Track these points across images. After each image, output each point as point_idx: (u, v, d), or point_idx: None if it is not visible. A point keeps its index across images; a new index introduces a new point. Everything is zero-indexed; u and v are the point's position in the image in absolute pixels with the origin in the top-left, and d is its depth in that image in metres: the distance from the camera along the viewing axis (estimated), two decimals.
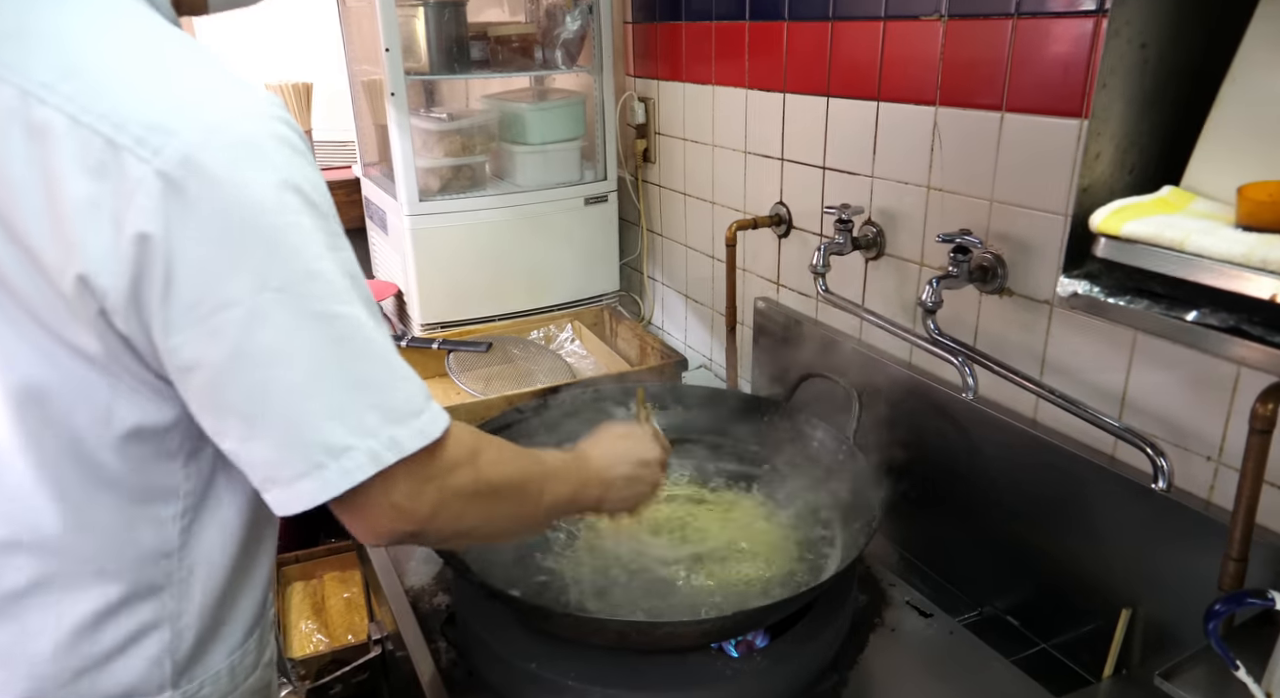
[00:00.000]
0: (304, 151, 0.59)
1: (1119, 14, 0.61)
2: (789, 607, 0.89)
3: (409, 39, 1.70)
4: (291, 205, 0.56)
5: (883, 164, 1.22)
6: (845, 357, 1.32)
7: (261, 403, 0.57)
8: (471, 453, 0.65)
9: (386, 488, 0.60)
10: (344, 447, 0.57)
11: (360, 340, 0.58)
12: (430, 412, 0.62)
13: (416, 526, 0.63)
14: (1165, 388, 0.90)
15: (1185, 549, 0.88)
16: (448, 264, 1.77)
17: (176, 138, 0.53)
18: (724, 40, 1.53)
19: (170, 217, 0.53)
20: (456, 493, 0.64)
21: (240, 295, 0.55)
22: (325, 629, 1.61)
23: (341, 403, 0.58)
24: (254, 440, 0.58)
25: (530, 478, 0.73)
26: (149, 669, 0.69)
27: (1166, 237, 0.57)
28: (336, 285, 0.58)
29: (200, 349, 0.56)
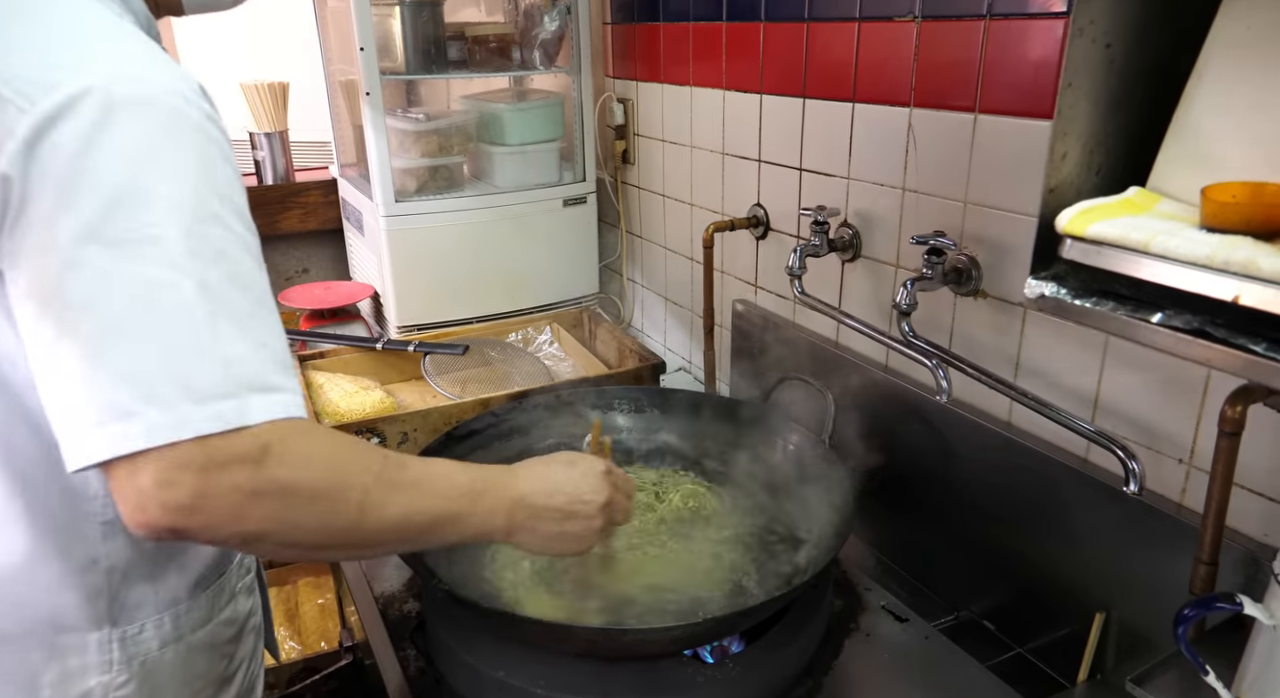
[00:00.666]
0: (199, 126, 0.60)
1: (1083, 13, 0.61)
2: (762, 612, 0.88)
3: (385, 38, 1.68)
4: (150, 170, 0.57)
5: (858, 165, 1.22)
6: (822, 359, 1.31)
7: (63, 348, 0.57)
8: (260, 447, 0.59)
9: (134, 470, 0.56)
10: (127, 411, 0.55)
11: (181, 308, 0.57)
12: (244, 401, 0.58)
13: (173, 519, 0.57)
14: (1137, 391, 0.90)
15: (1157, 552, 0.87)
16: (424, 266, 1.75)
17: (56, 91, 0.56)
18: (702, 41, 1.53)
19: (28, 160, 0.55)
20: (230, 488, 0.58)
21: (66, 241, 0.56)
22: (298, 636, 1.59)
23: (139, 364, 0.56)
24: (52, 385, 0.58)
25: (350, 485, 0.63)
26: (84, 605, 0.71)
27: (1132, 238, 0.57)
28: (173, 253, 0.57)
29: (27, 285, 0.58)
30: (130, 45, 0.62)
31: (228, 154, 0.62)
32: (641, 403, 1.30)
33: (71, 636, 0.71)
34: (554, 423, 1.27)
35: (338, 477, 0.63)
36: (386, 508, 0.65)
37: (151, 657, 0.74)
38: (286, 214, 2.13)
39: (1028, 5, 0.92)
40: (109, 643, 0.72)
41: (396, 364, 1.68)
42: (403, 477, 0.67)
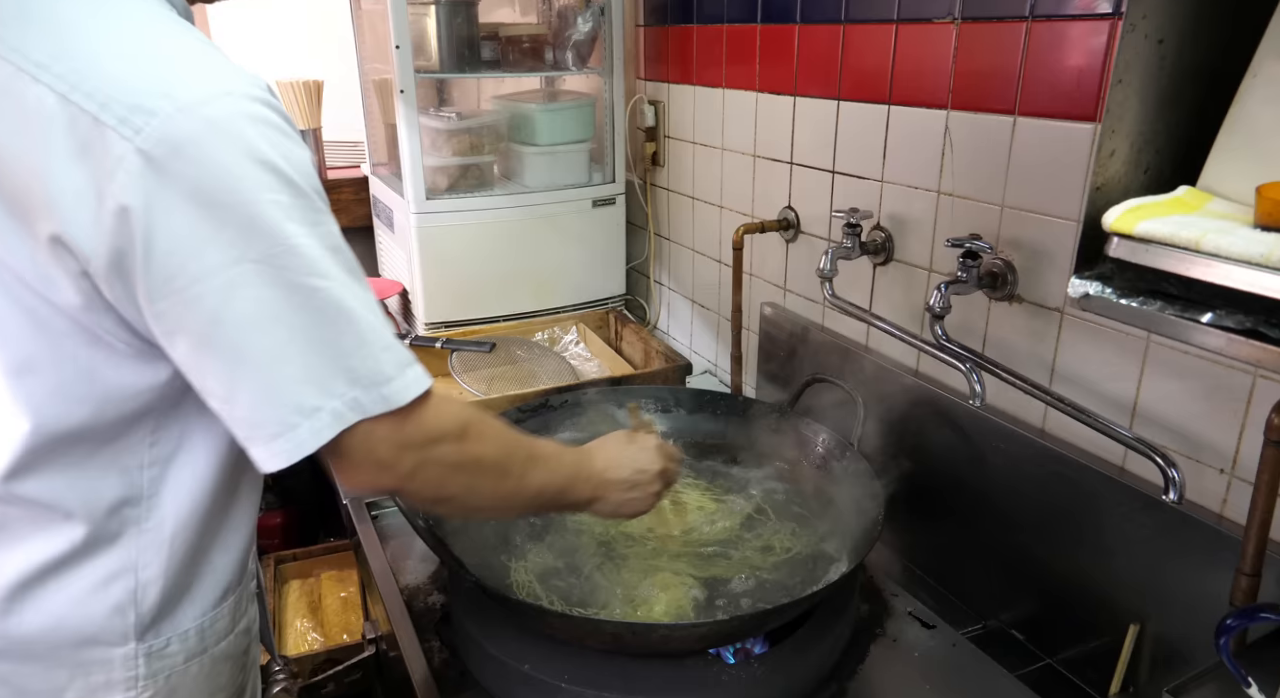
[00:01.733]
0: (284, 130, 0.61)
1: (1135, 9, 0.60)
2: (788, 613, 0.87)
3: (420, 37, 1.70)
4: (267, 182, 0.59)
5: (893, 168, 1.21)
6: (851, 363, 1.30)
7: (239, 367, 0.60)
8: (459, 428, 0.69)
9: (370, 444, 0.64)
10: (314, 407, 0.61)
11: (334, 309, 0.61)
12: (401, 380, 0.64)
13: (396, 483, 0.67)
14: (1177, 397, 0.88)
15: (1196, 564, 0.86)
16: (453, 263, 1.76)
17: (156, 117, 0.56)
18: (735, 43, 1.52)
19: (149, 192, 0.56)
20: (439, 460, 0.68)
21: (218, 266, 0.58)
22: (320, 628, 1.60)
23: (312, 367, 0.61)
24: (235, 402, 0.62)
25: (514, 458, 0.76)
26: (111, 619, 0.70)
27: (1182, 236, 0.56)
28: (312, 259, 0.60)
29: (180, 316, 0.59)
30: (203, 55, 0.62)
31: (302, 144, 0.64)
32: (668, 403, 1.30)
33: (96, 650, 0.70)
34: (580, 421, 1.27)
35: (509, 451, 0.76)
36: (533, 479, 0.78)
37: (177, 671, 0.74)
38: None
39: (1072, 6, 0.90)
40: (135, 658, 0.72)
41: (424, 360, 1.65)
42: (538, 453, 0.80)
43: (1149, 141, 0.65)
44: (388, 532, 1.24)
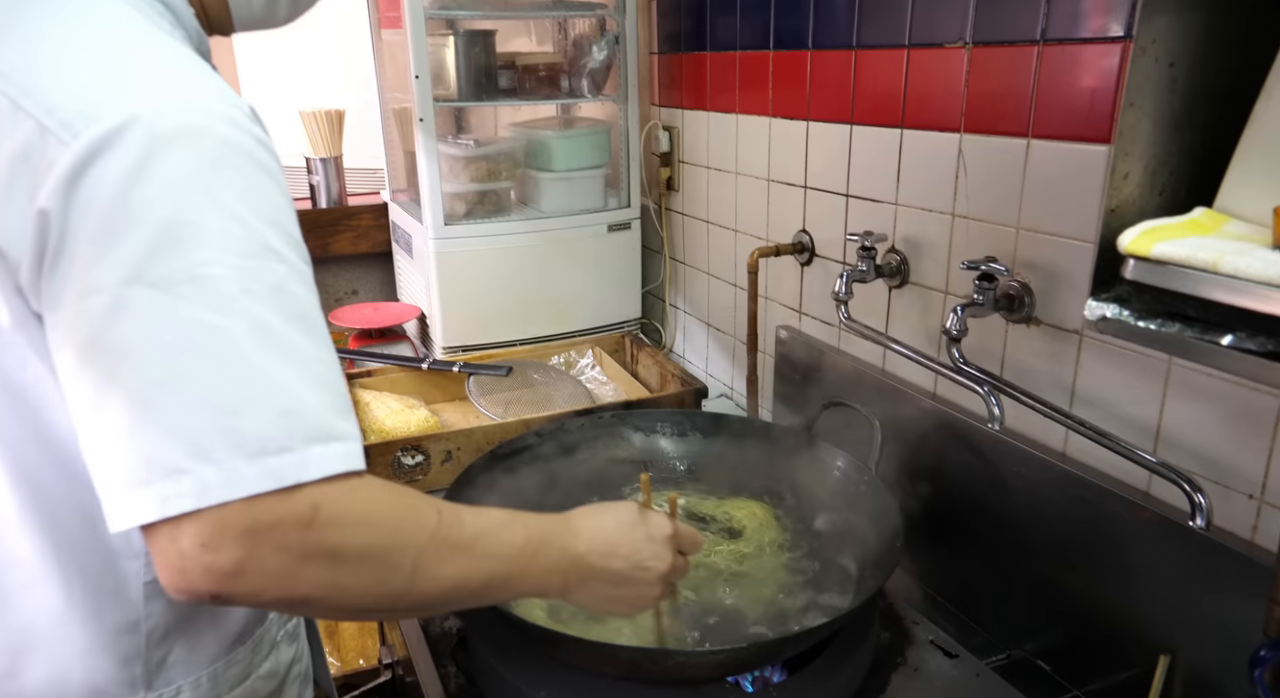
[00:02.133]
0: (249, 153, 0.57)
1: (1145, 32, 0.60)
2: (806, 640, 0.86)
3: (439, 67, 1.73)
4: (198, 204, 0.54)
5: (907, 191, 1.21)
6: (868, 386, 1.30)
7: (109, 396, 0.53)
8: (310, 508, 0.54)
9: (175, 531, 0.52)
10: (175, 468, 0.51)
11: (231, 355, 0.53)
12: (304, 455, 0.54)
13: (214, 585, 0.53)
14: (1202, 421, 0.87)
15: (1227, 592, 0.84)
16: (471, 288, 1.77)
17: (97, 124, 0.53)
18: (748, 70, 1.54)
19: (69, 196, 0.53)
20: (275, 551, 0.53)
21: (109, 283, 0.52)
22: (337, 653, 1.59)
23: (187, 418, 0.52)
24: (94, 437, 0.54)
25: (404, 547, 0.59)
26: (119, 670, 0.67)
27: (1199, 258, 0.55)
28: (223, 294, 0.53)
29: (69, 328, 0.54)
30: (177, 67, 0.59)
31: (280, 179, 0.59)
32: (684, 427, 1.30)
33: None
34: (596, 444, 1.27)
35: (391, 538, 0.59)
36: (440, 571, 0.61)
37: None
38: (338, 237, 2.18)
39: (1083, 30, 0.91)
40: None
41: (441, 384, 1.70)
42: (458, 535, 0.63)
43: (1163, 164, 0.65)
44: None
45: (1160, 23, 0.61)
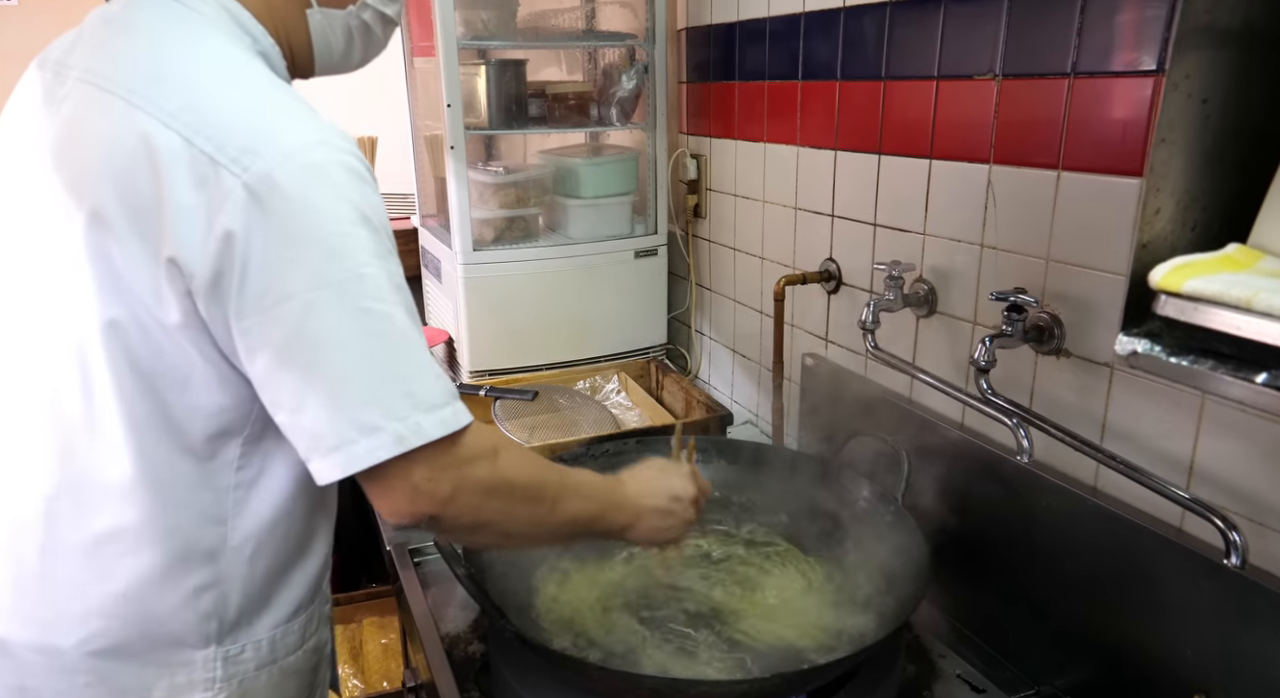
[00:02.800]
0: (364, 176, 0.70)
1: (1178, 68, 0.61)
2: (831, 672, 0.86)
3: (470, 96, 1.76)
4: (348, 218, 0.67)
5: (935, 221, 1.21)
6: (894, 415, 1.29)
7: (309, 381, 0.66)
8: (492, 450, 0.73)
9: (408, 469, 0.68)
10: (374, 426, 0.66)
11: (396, 336, 0.68)
12: (454, 406, 0.70)
13: (435, 508, 0.70)
14: (1237, 457, 0.86)
15: (1265, 632, 0.82)
16: (498, 313, 1.79)
17: (261, 159, 0.65)
18: (776, 99, 1.55)
19: (250, 220, 0.65)
20: (475, 483, 0.71)
21: (299, 289, 0.65)
22: (361, 674, 1.60)
23: (377, 388, 0.67)
24: (302, 413, 0.67)
25: (547, 485, 0.79)
26: (199, 625, 0.77)
27: (1233, 295, 0.55)
28: (381, 287, 0.67)
29: (264, 332, 0.66)
30: (303, 111, 0.71)
31: (377, 190, 0.72)
32: (710, 454, 1.30)
33: (183, 652, 0.77)
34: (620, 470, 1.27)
35: (541, 476, 0.79)
36: (567, 505, 0.81)
37: (248, 678, 0.80)
38: None
39: (1115, 63, 0.91)
40: (214, 661, 0.78)
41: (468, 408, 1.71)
42: (572, 480, 0.82)
43: (1195, 199, 0.65)
44: (430, 578, 1.24)
45: (1193, 59, 0.61)
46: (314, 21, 0.83)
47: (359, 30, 0.87)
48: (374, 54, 0.92)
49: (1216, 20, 0.60)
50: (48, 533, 0.75)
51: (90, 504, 0.75)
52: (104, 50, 0.75)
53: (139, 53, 0.73)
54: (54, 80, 0.77)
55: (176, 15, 0.75)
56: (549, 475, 0.80)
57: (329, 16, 0.83)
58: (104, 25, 0.78)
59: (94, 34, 0.78)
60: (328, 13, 0.83)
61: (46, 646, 0.76)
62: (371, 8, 0.86)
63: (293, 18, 0.81)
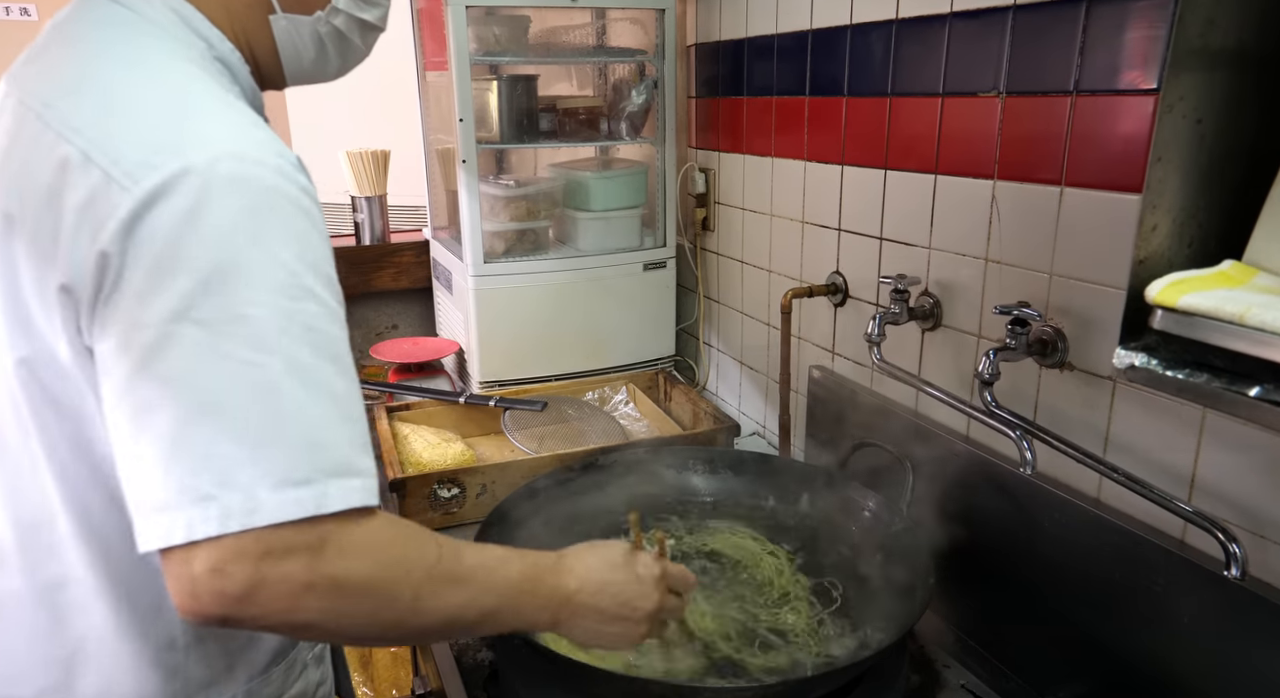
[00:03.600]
0: (294, 199, 0.61)
1: (1172, 89, 0.62)
2: (836, 679, 0.87)
3: (482, 110, 1.79)
4: (244, 247, 0.58)
5: (940, 236, 1.23)
6: (900, 427, 1.30)
7: (147, 425, 0.56)
8: (320, 540, 0.58)
9: (187, 556, 0.56)
10: (204, 495, 0.55)
11: (268, 390, 0.57)
12: (324, 488, 0.57)
13: (224, 608, 0.57)
14: (1238, 471, 0.87)
15: (1267, 644, 0.83)
16: (508, 324, 1.81)
17: (156, 173, 0.58)
18: (784, 114, 1.57)
19: (126, 238, 0.57)
20: (282, 580, 0.57)
21: (158, 319, 0.57)
22: (371, 683, 1.61)
23: (215, 447, 0.56)
24: (132, 460, 0.58)
25: (406, 580, 0.63)
26: (163, 684, 0.71)
27: (1226, 310, 0.56)
28: (263, 333, 0.57)
29: (114, 359, 0.58)
30: (230, 120, 0.64)
31: (320, 225, 0.63)
32: (716, 464, 1.31)
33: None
34: (628, 480, 1.29)
35: (391, 571, 0.62)
36: (437, 603, 0.65)
37: None
38: (380, 273, 2.24)
39: (1117, 82, 0.92)
40: None
41: (477, 418, 1.73)
42: (456, 570, 0.66)
43: (1191, 216, 0.66)
44: None
45: (1187, 80, 0.62)
46: (278, 28, 0.77)
47: (331, 37, 0.80)
48: (354, 62, 0.86)
49: (1210, 43, 0.61)
50: (4, 580, 0.70)
51: (39, 551, 0.69)
52: (39, 62, 0.70)
53: (66, 63, 0.67)
54: (4, 93, 0.72)
55: (117, 20, 0.69)
56: (408, 569, 0.63)
57: (295, 23, 0.77)
58: (51, 31, 0.73)
59: (41, 42, 0.73)
60: (293, 19, 0.77)
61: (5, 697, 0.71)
62: (344, 13, 0.80)
63: (254, 23, 0.75)
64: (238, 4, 0.74)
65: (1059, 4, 0.99)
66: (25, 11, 3.52)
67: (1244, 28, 0.62)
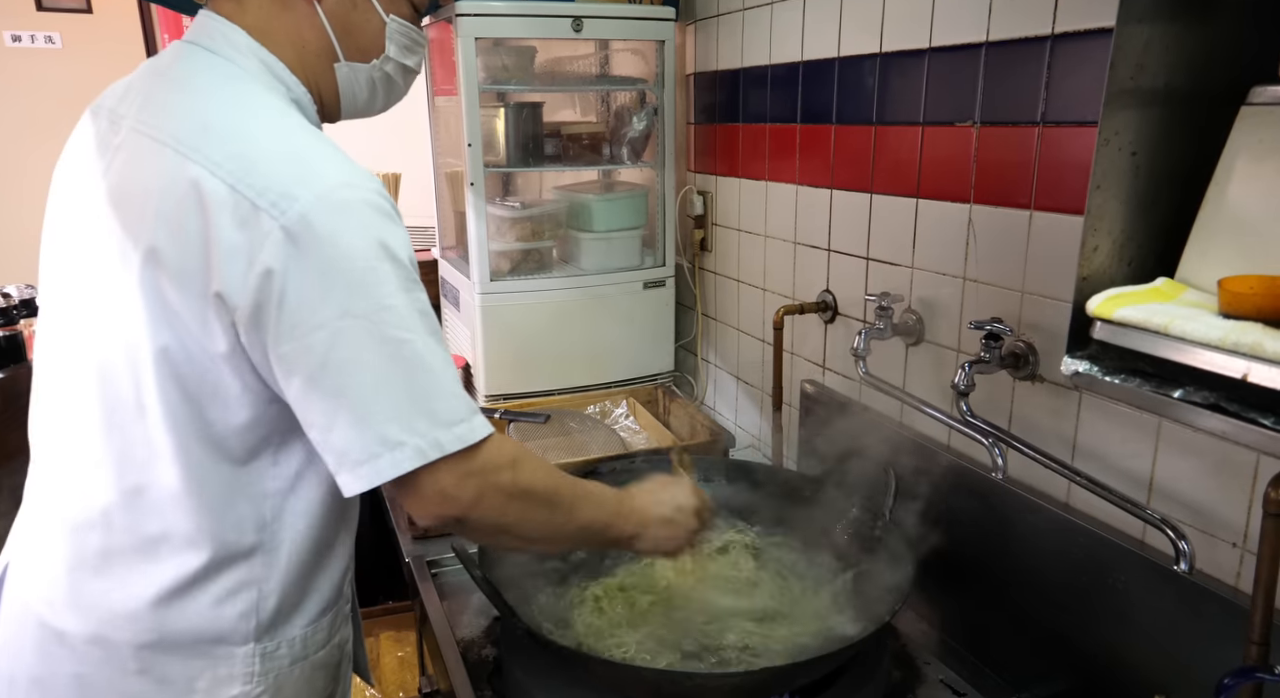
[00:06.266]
0: (390, 215, 0.78)
1: (1109, 125, 0.69)
2: (819, 667, 0.93)
3: (490, 135, 1.87)
4: (373, 254, 0.75)
5: (922, 256, 1.30)
6: (886, 438, 1.36)
7: (339, 402, 0.74)
8: (512, 460, 0.81)
9: (436, 476, 0.76)
10: (397, 442, 0.74)
11: (418, 360, 0.75)
12: (471, 422, 0.78)
13: (460, 511, 0.78)
14: (1190, 474, 0.93)
15: (1214, 634, 0.89)
16: (513, 340, 1.89)
17: (296, 202, 0.73)
18: (777, 141, 1.65)
19: (286, 258, 0.73)
20: (496, 488, 0.80)
21: (328, 319, 0.73)
22: (379, 685, 1.67)
23: (399, 407, 0.74)
24: (332, 431, 0.75)
25: (563, 492, 0.87)
26: (238, 623, 0.84)
27: (1154, 321, 0.63)
28: (404, 317, 0.75)
29: (298, 358, 0.74)
30: (333, 156, 0.79)
31: (404, 228, 0.80)
32: (710, 473, 1.38)
33: (224, 648, 0.84)
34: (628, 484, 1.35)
35: (557, 484, 0.87)
36: (581, 512, 0.89)
37: (283, 672, 0.86)
38: None
39: (1072, 115, 1.00)
40: (253, 657, 0.85)
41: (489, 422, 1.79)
42: (584, 490, 0.90)
43: (1130, 238, 0.73)
44: (446, 589, 1.32)
45: (1121, 117, 0.70)
46: (341, 74, 0.91)
47: (381, 81, 0.95)
48: (395, 100, 1.01)
49: (1140, 84, 0.68)
50: (106, 535, 0.82)
51: (145, 510, 0.82)
52: (155, 102, 0.83)
53: (188, 105, 0.81)
54: (109, 129, 0.84)
55: (221, 69, 0.83)
56: (565, 484, 0.88)
57: (354, 69, 0.92)
58: (154, 77, 0.86)
59: (144, 85, 0.86)
60: (354, 66, 0.92)
61: (101, 638, 0.83)
62: (394, 61, 0.94)
63: (322, 70, 0.90)
64: (310, 54, 0.88)
65: (1026, 42, 1.07)
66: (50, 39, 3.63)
67: (1171, 71, 0.69)
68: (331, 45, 0.89)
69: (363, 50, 0.92)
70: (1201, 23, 0.69)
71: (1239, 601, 0.87)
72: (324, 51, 0.89)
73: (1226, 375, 0.58)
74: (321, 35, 0.88)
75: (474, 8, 1.68)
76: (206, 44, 0.85)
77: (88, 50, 3.71)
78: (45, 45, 3.66)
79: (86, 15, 3.69)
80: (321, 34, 0.88)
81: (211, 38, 0.85)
